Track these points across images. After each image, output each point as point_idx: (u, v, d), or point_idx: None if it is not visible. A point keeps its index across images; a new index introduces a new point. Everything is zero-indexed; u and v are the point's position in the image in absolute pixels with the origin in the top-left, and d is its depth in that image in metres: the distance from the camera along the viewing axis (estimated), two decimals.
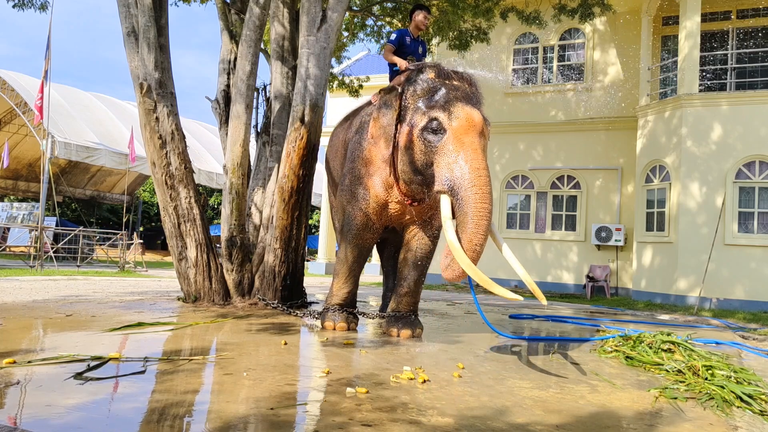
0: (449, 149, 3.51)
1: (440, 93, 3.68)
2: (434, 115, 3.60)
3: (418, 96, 3.79)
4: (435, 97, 3.68)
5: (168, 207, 5.70)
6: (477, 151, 3.46)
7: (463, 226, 3.33)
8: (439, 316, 5.93)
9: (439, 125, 3.58)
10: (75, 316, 4.58)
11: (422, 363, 3.22)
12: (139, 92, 5.58)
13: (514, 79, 13.39)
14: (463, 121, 3.52)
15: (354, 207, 4.27)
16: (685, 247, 10.03)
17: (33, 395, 2.29)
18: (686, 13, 10.42)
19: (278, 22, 6.45)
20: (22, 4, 7.83)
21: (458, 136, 3.50)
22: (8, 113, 19.61)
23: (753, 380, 3.04)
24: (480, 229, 3.29)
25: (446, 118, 3.56)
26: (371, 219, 4.22)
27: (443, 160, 3.52)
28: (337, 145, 5.09)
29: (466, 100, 3.63)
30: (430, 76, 3.81)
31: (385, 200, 4.15)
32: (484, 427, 2.15)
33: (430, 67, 3.91)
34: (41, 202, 14.25)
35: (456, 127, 3.52)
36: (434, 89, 3.72)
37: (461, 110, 3.55)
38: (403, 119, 3.85)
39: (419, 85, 3.81)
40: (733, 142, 9.96)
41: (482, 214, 3.30)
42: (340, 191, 4.49)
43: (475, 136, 3.52)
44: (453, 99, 3.61)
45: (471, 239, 3.29)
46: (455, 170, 3.44)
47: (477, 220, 3.29)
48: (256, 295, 5.64)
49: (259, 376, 2.74)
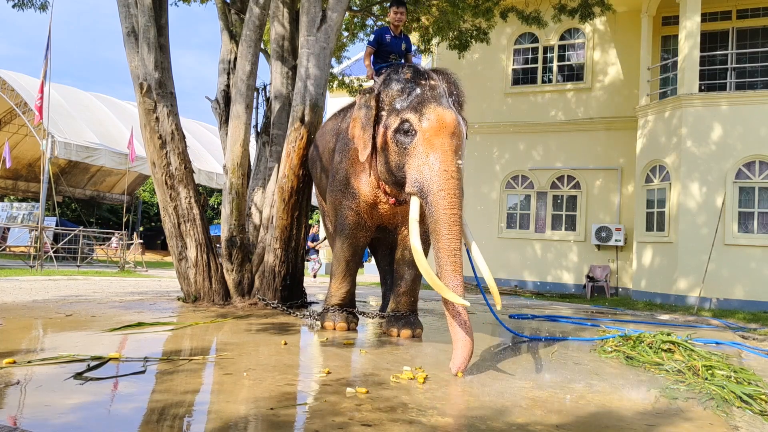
0: (419, 151, 3.48)
1: (414, 94, 3.65)
2: (406, 117, 3.58)
3: (393, 97, 3.77)
4: (409, 98, 3.66)
5: (168, 207, 5.70)
6: (447, 152, 3.42)
7: (437, 234, 3.30)
8: (439, 316, 5.93)
9: (410, 126, 3.55)
10: (75, 316, 4.58)
11: (422, 363, 3.22)
12: (139, 92, 5.58)
13: (513, 79, 13.38)
14: (433, 122, 3.48)
15: (345, 206, 4.29)
16: (685, 247, 10.03)
17: (33, 395, 2.29)
18: (686, 13, 10.41)
19: (278, 22, 6.45)
20: (22, 4, 7.83)
21: (428, 138, 3.47)
22: (8, 113, 19.60)
23: (753, 380, 3.04)
24: (453, 234, 3.28)
25: (417, 119, 3.53)
26: (362, 218, 4.24)
27: (413, 161, 3.50)
28: (327, 139, 4.96)
29: (439, 101, 3.58)
30: (406, 76, 3.78)
31: (374, 200, 4.17)
32: (484, 427, 2.15)
33: (408, 67, 3.89)
34: (41, 202, 14.24)
35: (426, 129, 3.48)
36: (409, 90, 3.69)
37: (432, 111, 3.51)
38: (379, 120, 3.85)
39: (395, 85, 3.79)
40: (733, 142, 9.95)
41: (453, 220, 3.28)
42: (330, 190, 4.50)
43: (446, 138, 3.46)
44: (426, 100, 3.58)
45: (448, 246, 3.26)
46: (424, 172, 3.42)
47: (449, 226, 3.27)
48: (256, 295, 5.63)
49: (259, 376, 2.74)
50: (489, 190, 13.14)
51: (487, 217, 12.95)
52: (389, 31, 4.97)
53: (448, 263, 3.23)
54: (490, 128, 13.09)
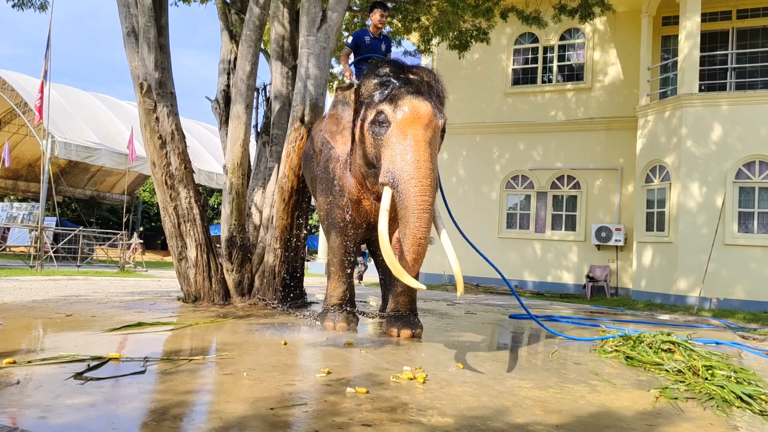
0: (393, 141, 3.50)
1: (389, 86, 3.67)
2: (381, 108, 3.60)
3: (370, 91, 3.79)
4: (385, 90, 3.68)
5: (168, 207, 5.70)
6: (419, 143, 3.43)
7: (405, 221, 3.33)
8: (439, 316, 5.93)
9: (384, 118, 3.57)
10: (75, 316, 4.58)
11: (422, 363, 3.22)
12: (139, 92, 5.58)
13: (513, 79, 13.38)
14: (407, 113, 3.50)
15: (333, 204, 4.31)
16: (685, 247, 10.03)
17: (33, 395, 2.29)
18: (686, 13, 10.41)
19: (278, 22, 6.45)
20: (22, 3, 7.83)
21: (402, 128, 3.49)
22: (8, 113, 19.60)
23: (753, 380, 3.04)
24: (422, 222, 3.30)
25: (391, 110, 3.55)
26: (350, 215, 4.25)
27: (387, 152, 3.52)
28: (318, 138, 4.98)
29: (414, 93, 3.59)
30: (384, 71, 3.81)
31: (358, 196, 4.18)
32: (484, 427, 2.15)
33: (387, 62, 3.92)
34: (41, 202, 14.25)
35: (400, 120, 3.51)
36: (385, 83, 3.72)
37: (407, 103, 3.53)
38: (357, 114, 3.88)
39: (373, 80, 3.81)
40: (733, 142, 9.95)
41: (423, 207, 3.30)
42: (319, 189, 4.53)
43: (420, 128, 3.48)
44: (401, 92, 3.59)
45: (414, 233, 3.29)
46: (397, 162, 3.44)
47: (418, 213, 3.29)
48: (256, 295, 5.63)
49: (259, 376, 2.74)
50: (489, 190, 13.14)
51: (487, 217, 12.95)
52: (368, 33, 5.00)
53: (411, 252, 3.32)
54: (490, 128, 13.09)
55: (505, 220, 13.12)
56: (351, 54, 5.20)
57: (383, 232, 3.44)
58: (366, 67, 5.05)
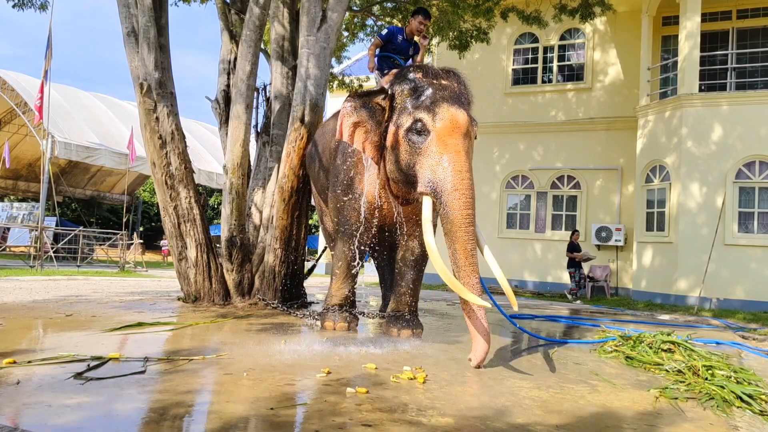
0: (432, 151, 3.49)
1: (426, 93, 3.64)
2: (419, 116, 3.57)
3: (404, 96, 3.76)
4: (421, 97, 3.65)
5: (168, 207, 5.70)
6: (460, 153, 3.44)
7: (453, 235, 3.32)
8: (439, 316, 5.93)
9: (423, 126, 3.54)
10: (75, 316, 4.58)
11: (422, 363, 3.22)
12: (139, 92, 5.58)
13: (514, 79, 13.38)
14: (447, 122, 3.49)
15: (348, 206, 4.27)
16: (685, 247, 10.03)
17: (33, 395, 2.29)
18: (686, 13, 10.41)
19: (278, 22, 6.45)
20: (22, 3, 7.83)
21: (442, 138, 3.47)
22: (8, 113, 19.60)
23: (753, 380, 3.04)
24: (470, 235, 3.31)
25: (430, 119, 3.53)
26: (366, 218, 4.23)
27: (426, 161, 3.50)
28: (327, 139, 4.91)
29: (451, 101, 3.58)
30: (417, 75, 3.78)
31: (378, 200, 4.16)
32: (484, 427, 2.15)
33: (419, 67, 3.89)
34: (41, 202, 14.25)
35: (440, 129, 3.49)
36: (420, 89, 3.68)
37: (446, 111, 3.52)
38: (390, 119, 3.85)
39: (406, 85, 3.78)
40: (733, 142, 9.95)
41: (468, 221, 3.31)
42: (332, 191, 4.48)
43: (459, 138, 3.48)
44: (438, 99, 3.57)
45: (465, 247, 3.29)
46: (438, 172, 3.42)
47: (465, 227, 3.30)
48: (256, 295, 5.63)
49: (259, 376, 2.74)
50: (489, 190, 13.14)
51: (487, 217, 12.95)
52: (403, 33, 5.00)
53: (466, 264, 3.28)
54: (490, 128, 13.09)
55: (505, 220, 13.12)
56: (378, 46, 5.15)
57: (431, 246, 3.41)
58: (386, 64, 5.04)
